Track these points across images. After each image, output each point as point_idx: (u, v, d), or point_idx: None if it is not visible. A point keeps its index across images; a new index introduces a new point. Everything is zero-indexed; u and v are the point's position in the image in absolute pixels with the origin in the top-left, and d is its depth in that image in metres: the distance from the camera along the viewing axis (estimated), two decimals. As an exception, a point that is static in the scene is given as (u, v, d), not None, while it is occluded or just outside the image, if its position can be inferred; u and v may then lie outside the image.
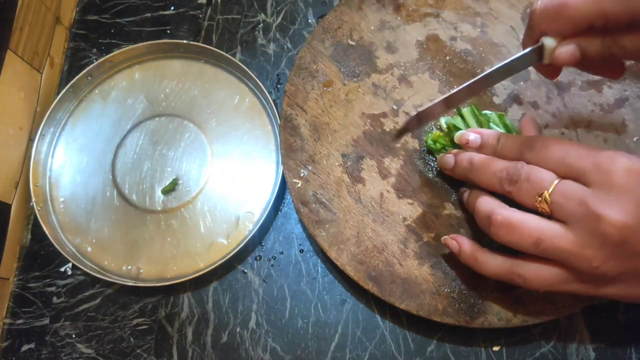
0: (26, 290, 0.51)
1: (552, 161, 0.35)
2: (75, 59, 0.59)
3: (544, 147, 0.36)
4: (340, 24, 0.52)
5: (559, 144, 0.36)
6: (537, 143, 0.37)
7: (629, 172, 0.32)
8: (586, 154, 0.34)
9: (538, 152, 0.36)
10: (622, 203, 0.32)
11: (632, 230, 0.32)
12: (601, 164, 0.33)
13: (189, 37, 0.58)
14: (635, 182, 0.32)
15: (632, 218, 0.31)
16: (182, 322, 0.48)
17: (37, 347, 0.49)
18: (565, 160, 0.35)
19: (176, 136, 0.54)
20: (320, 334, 0.47)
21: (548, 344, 0.45)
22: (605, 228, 0.32)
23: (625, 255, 0.33)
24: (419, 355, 0.46)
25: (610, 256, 0.33)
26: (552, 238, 0.34)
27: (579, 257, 0.34)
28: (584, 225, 0.33)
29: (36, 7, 0.55)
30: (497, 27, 0.51)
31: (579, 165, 0.34)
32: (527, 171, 0.36)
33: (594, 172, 0.33)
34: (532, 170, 0.36)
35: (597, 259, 0.33)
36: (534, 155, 0.37)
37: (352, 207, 0.47)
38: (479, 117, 0.44)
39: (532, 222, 0.35)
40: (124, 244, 0.51)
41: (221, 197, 0.51)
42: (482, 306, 0.43)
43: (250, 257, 0.50)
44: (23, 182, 0.53)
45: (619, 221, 0.31)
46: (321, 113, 0.50)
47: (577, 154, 0.34)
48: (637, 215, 0.31)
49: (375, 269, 0.44)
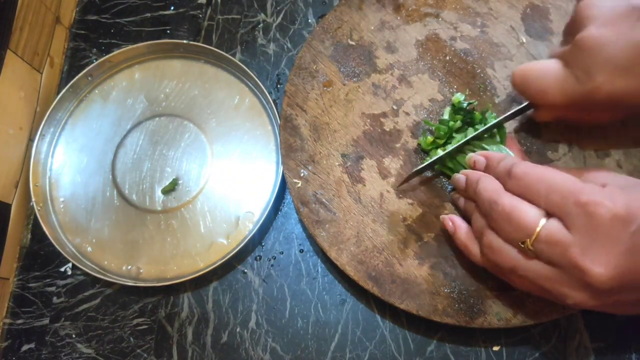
0: (26, 290, 0.51)
1: (535, 195, 0.34)
2: (75, 59, 0.59)
3: (526, 179, 0.35)
4: (340, 24, 0.52)
5: (541, 177, 0.34)
6: (520, 172, 0.36)
7: (613, 219, 0.30)
8: (569, 191, 0.32)
9: (521, 184, 0.35)
10: (606, 254, 0.31)
11: (617, 281, 0.31)
12: (585, 207, 0.31)
13: (189, 37, 0.58)
14: (619, 230, 0.30)
15: (616, 269, 0.31)
16: (182, 322, 0.48)
17: (37, 347, 0.49)
18: (548, 197, 0.33)
19: (176, 136, 0.54)
20: (320, 334, 0.47)
21: (548, 344, 0.45)
22: (589, 280, 0.31)
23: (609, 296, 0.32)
24: (419, 355, 0.46)
25: (589, 298, 0.33)
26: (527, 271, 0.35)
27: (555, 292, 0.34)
28: (567, 272, 0.33)
29: (36, 7, 0.55)
30: (497, 27, 0.51)
31: (562, 204, 0.33)
32: (509, 210, 0.35)
33: (577, 215, 0.32)
34: (514, 210, 0.34)
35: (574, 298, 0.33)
36: (517, 186, 0.36)
37: (352, 207, 0.47)
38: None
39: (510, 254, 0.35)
40: (124, 244, 0.51)
41: (221, 197, 0.51)
42: (482, 306, 0.43)
43: (250, 257, 0.50)
44: (23, 182, 0.53)
45: (603, 275, 0.31)
46: (321, 113, 0.50)
47: (561, 191, 0.33)
48: (621, 266, 0.31)
49: (375, 269, 0.44)
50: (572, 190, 0.32)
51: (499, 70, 0.50)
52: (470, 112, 0.47)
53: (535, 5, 0.52)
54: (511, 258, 0.35)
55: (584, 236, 0.31)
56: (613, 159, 0.46)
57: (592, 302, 0.33)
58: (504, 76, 0.50)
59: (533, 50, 0.50)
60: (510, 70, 0.50)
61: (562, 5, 0.51)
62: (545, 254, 0.33)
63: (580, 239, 0.31)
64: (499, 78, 0.50)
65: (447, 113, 0.48)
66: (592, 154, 0.47)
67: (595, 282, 0.31)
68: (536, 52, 0.50)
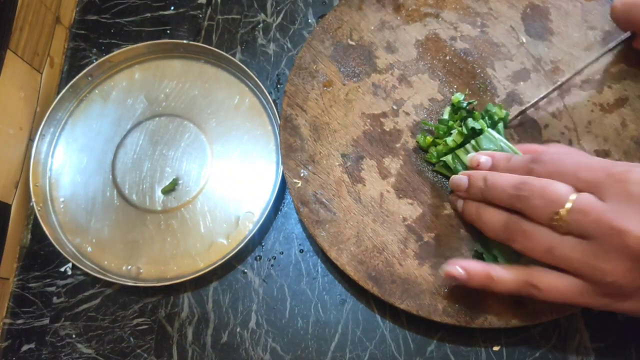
0: (26, 290, 0.51)
1: (565, 174, 0.34)
2: (75, 59, 0.59)
3: (555, 161, 0.35)
4: (340, 24, 0.52)
5: (569, 157, 0.35)
6: (546, 157, 0.36)
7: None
8: (599, 167, 0.33)
9: (549, 167, 0.35)
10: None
11: None
12: (616, 175, 0.32)
13: (189, 37, 0.58)
14: None
15: None
16: (182, 322, 0.48)
17: (37, 347, 0.49)
18: (577, 174, 0.34)
19: (176, 136, 0.54)
20: (320, 334, 0.47)
21: (548, 344, 0.45)
22: (630, 242, 0.31)
23: None
24: (419, 355, 0.46)
25: (630, 269, 0.32)
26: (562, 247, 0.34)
27: (594, 270, 0.33)
28: (605, 241, 0.32)
29: (36, 7, 0.55)
30: (497, 27, 0.51)
31: (592, 178, 0.33)
32: (540, 186, 0.35)
33: (610, 184, 0.32)
34: (546, 185, 0.34)
35: (614, 273, 0.32)
36: (544, 170, 0.36)
37: (352, 207, 0.47)
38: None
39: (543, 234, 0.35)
40: (124, 244, 0.51)
41: (221, 197, 0.51)
42: (482, 306, 0.43)
43: (250, 257, 0.50)
44: (23, 182, 0.53)
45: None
46: (321, 113, 0.50)
47: (589, 166, 0.33)
48: None
49: (375, 269, 0.44)
50: (602, 165, 0.33)
51: (499, 70, 0.50)
52: (470, 112, 0.47)
53: (535, 5, 0.52)
54: (545, 238, 0.35)
55: (619, 202, 0.32)
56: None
57: (630, 276, 0.32)
58: (504, 76, 0.50)
59: (533, 50, 0.50)
60: (511, 70, 0.50)
61: (562, 5, 0.51)
62: (580, 224, 0.33)
63: (616, 205, 0.32)
64: (499, 78, 0.50)
65: (447, 113, 0.48)
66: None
67: (635, 243, 0.31)
68: (536, 52, 0.50)
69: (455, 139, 0.45)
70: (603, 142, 0.47)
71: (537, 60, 0.50)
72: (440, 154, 0.46)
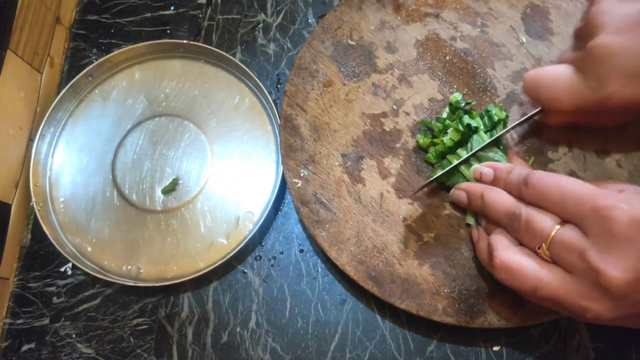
0: (26, 290, 0.51)
1: (551, 203, 0.35)
2: (75, 59, 0.59)
3: (542, 187, 0.35)
4: (340, 24, 0.52)
5: (557, 185, 0.34)
6: (535, 180, 0.36)
7: (630, 222, 0.30)
8: (585, 198, 0.33)
9: (536, 192, 0.36)
10: (623, 257, 0.30)
11: (634, 285, 0.30)
12: (601, 211, 0.31)
13: (189, 37, 0.58)
14: (636, 233, 0.30)
15: (634, 273, 0.30)
16: (182, 322, 0.48)
17: (37, 347, 0.49)
18: (563, 204, 0.34)
19: (176, 136, 0.54)
20: (320, 334, 0.47)
21: (548, 344, 0.45)
22: (606, 284, 0.31)
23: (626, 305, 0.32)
24: (419, 355, 0.46)
25: (610, 309, 0.32)
26: (548, 286, 0.34)
27: (575, 307, 0.33)
28: (584, 277, 0.32)
29: (36, 7, 0.55)
30: (497, 27, 0.51)
31: (577, 211, 0.33)
32: (525, 219, 0.35)
33: (594, 220, 0.32)
34: (530, 219, 0.35)
35: (594, 311, 0.32)
36: (533, 195, 0.36)
37: (352, 207, 0.47)
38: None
39: (529, 269, 0.35)
40: (124, 244, 0.51)
41: (221, 197, 0.51)
42: (482, 306, 0.43)
43: (250, 257, 0.50)
44: (23, 182, 0.53)
45: (620, 278, 0.30)
46: (321, 113, 0.50)
47: (575, 197, 0.33)
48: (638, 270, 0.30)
49: (375, 269, 0.44)
50: (588, 195, 0.32)
51: (499, 70, 0.50)
52: (468, 111, 0.47)
53: (535, 5, 0.52)
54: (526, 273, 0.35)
55: (600, 240, 0.31)
56: (613, 158, 0.46)
57: (610, 314, 0.32)
58: (504, 76, 0.50)
59: (533, 50, 0.50)
60: (511, 70, 0.50)
61: (562, 5, 0.51)
62: (561, 258, 0.33)
63: (597, 242, 0.31)
64: (499, 78, 0.50)
65: (446, 113, 0.48)
66: (592, 153, 0.47)
67: (613, 285, 0.30)
68: (536, 52, 0.50)
69: (452, 137, 0.45)
70: (603, 142, 0.47)
71: (537, 60, 0.50)
72: (438, 154, 0.46)
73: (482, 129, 0.45)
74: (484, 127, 0.45)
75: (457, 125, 0.45)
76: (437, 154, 0.46)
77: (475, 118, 0.45)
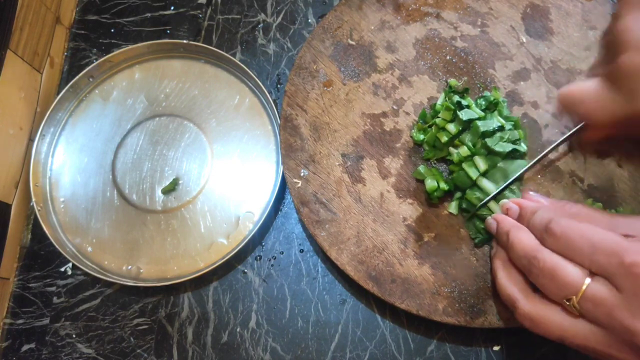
0: (26, 290, 0.51)
1: (578, 255, 0.34)
2: (75, 59, 0.59)
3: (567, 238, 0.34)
4: (340, 24, 0.52)
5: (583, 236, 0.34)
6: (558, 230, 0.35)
7: None
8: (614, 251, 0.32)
9: (559, 242, 0.35)
10: None
11: None
12: (631, 268, 0.31)
13: (189, 37, 0.58)
14: None
15: None
16: (182, 322, 0.48)
17: (37, 347, 0.49)
18: (592, 257, 0.33)
19: (176, 136, 0.54)
20: (320, 334, 0.47)
21: (548, 344, 0.45)
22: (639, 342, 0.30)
23: None
24: (419, 355, 0.46)
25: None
26: (575, 337, 0.34)
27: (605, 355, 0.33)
28: (615, 334, 0.32)
29: (36, 7, 0.55)
30: (497, 27, 0.51)
31: (607, 266, 0.32)
32: (551, 267, 0.34)
33: (624, 277, 0.31)
34: (557, 268, 0.34)
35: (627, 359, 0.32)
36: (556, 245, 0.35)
37: (352, 207, 0.47)
38: None
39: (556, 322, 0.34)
40: (124, 244, 0.51)
41: (221, 197, 0.51)
42: (482, 306, 0.43)
43: (250, 257, 0.50)
44: (23, 182, 0.53)
45: None
46: (321, 113, 0.50)
47: (604, 250, 0.32)
48: None
49: (375, 269, 0.44)
50: (616, 250, 0.32)
51: (499, 69, 0.50)
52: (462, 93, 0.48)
53: (535, 5, 0.52)
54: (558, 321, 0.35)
55: (632, 298, 0.31)
56: (613, 158, 0.46)
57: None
58: (504, 76, 0.50)
59: (533, 50, 0.50)
60: (511, 70, 0.50)
61: (563, 5, 0.51)
62: (591, 313, 0.33)
63: (629, 300, 0.31)
64: (499, 77, 0.50)
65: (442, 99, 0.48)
66: (592, 153, 0.47)
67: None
68: (536, 51, 0.50)
69: (443, 117, 0.45)
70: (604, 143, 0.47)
71: (537, 60, 0.50)
72: (432, 142, 0.46)
73: (474, 105, 0.46)
74: (477, 106, 0.46)
75: (448, 104, 0.45)
76: (431, 142, 0.46)
77: (466, 98, 0.46)
